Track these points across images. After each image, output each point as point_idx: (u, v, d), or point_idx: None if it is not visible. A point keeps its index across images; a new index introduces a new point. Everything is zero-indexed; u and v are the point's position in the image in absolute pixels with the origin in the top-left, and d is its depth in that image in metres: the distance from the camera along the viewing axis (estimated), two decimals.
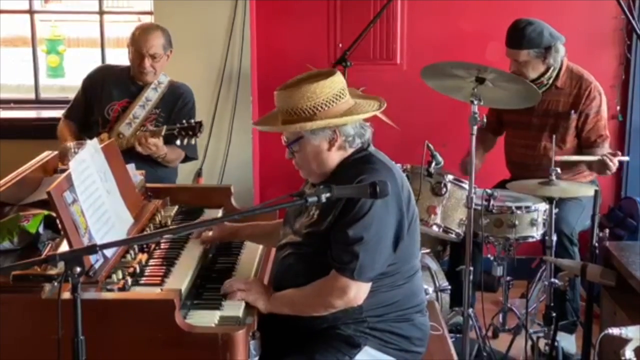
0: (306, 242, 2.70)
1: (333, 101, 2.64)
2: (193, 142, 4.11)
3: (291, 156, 2.75)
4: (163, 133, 4.05)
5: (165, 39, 4.29)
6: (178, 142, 4.06)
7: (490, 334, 4.27)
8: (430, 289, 4.01)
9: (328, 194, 2.31)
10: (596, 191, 3.36)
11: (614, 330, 2.54)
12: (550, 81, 4.36)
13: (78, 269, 2.08)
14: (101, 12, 5.49)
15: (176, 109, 4.30)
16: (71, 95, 4.62)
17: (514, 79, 3.83)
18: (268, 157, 5.18)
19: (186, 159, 4.42)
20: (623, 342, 2.53)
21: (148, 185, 3.51)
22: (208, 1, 4.90)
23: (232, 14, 4.91)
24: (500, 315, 4.30)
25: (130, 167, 3.34)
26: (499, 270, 4.17)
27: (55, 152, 3.53)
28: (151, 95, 4.29)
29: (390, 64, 5.10)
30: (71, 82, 8.85)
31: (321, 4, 5.07)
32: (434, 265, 4.16)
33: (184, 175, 4.69)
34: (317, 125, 2.63)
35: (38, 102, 5.59)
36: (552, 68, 4.33)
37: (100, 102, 4.35)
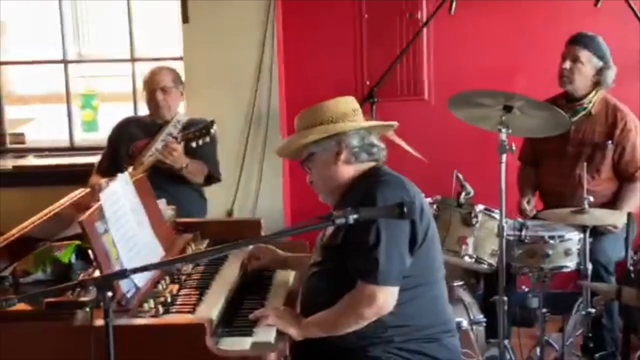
0: (326, 259, 2.74)
1: (341, 118, 2.74)
2: (208, 139, 4.17)
3: (310, 179, 2.85)
4: (180, 139, 4.16)
5: (173, 75, 4.53)
6: (194, 144, 4.15)
7: None
8: (465, 322, 3.96)
9: (356, 215, 2.32)
10: (629, 214, 3.32)
11: None
12: (590, 106, 4.36)
13: (109, 294, 2.10)
14: (133, 60, 5.60)
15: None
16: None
17: (543, 106, 3.82)
18: (300, 198, 5.18)
19: (210, 179, 4.47)
20: None
21: (178, 220, 3.54)
22: (236, 44, 5.00)
23: (260, 56, 4.99)
24: (538, 349, 4.23)
25: (161, 202, 3.37)
26: (534, 302, 4.11)
27: (88, 190, 3.59)
28: (172, 130, 4.40)
29: (418, 100, 5.13)
30: (105, 136, 9.00)
31: (347, 42, 5.14)
32: (467, 297, 4.12)
33: (214, 215, 4.71)
34: (317, 132, 2.71)
35: (73, 150, 5.71)
36: (597, 90, 4.34)
37: (124, 144, 4.51)
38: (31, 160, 5.57)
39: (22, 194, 5.04)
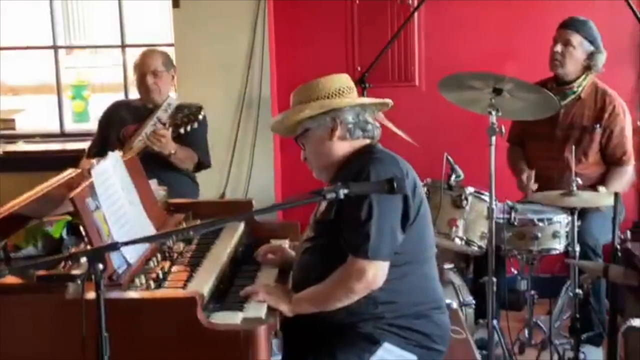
0: (319, 234, 2.76)
1: (337, 94, 2.76)
2: (196, 125, 4.21)
3: (304, 156, 2.85)
4: (168, 125, 4.20)
5: (164, 58, 4.51)
6: (182, 130, 4.19)
7: (516, 349, 4.24)
8: (454, 304, 3.98)
9: (346, 190, 2.34)
10: (616, 194, 3.34)
11: (637, 322, 2.52)
12: (580, 89, 4.39)
13: (101, 266, 2.10)
14: (123, 46, 5.61)
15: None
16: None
17: (532, 89, 3.84)
18: (291, 182, 5.21)
19: (200, 165, 4.48)
20: None
21: (170, 201, 3.55)
22: (227, 29, 5.01)
23: (251, 42, 5.01)
24: (526, 331, 4.27)
25: (153, 182, 3.38)
26: (523, 284, 4.16)
27: (79, 170, 3.59)
28: (162, 115, 4.40)
29: (409, 86, 5.16)
30: (96, 125, 8.97)
31: (339, 28, 5.16)
32: (457, 280, 4.16)
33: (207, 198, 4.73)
34: (311, 108, 2.73)
35: (63, 136, 5.71)
36: (587, 74, 4.37)
37: (114, 129, 4.51)
38: (21, 146, 5.58)
39: (12, 179, 5.05)
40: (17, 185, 4.54)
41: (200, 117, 4.20)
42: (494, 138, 3.70)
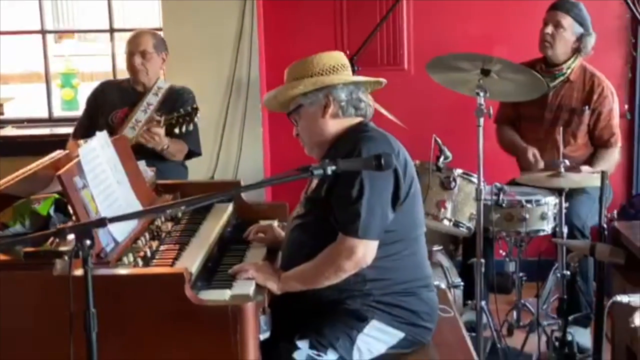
0: (308, 211, 2.77)
1: (331, 72, 2.76)
2: (191, 127, 4.20)
3: (297, 132, 2.85)
4: (162, 123, 4.17)
5: (155, 40, 4.47)
6: (177, 130, 4.18)
7: (504, 332, 4.26)
8: (443, 285, 4.00)
9: (334, 167, 2.35)
10: (603, 173, 3.35)
11: (623, 298, 2.53)
12: (569, 71, 4.41)
13: (88, 242, 2.10)
14: (112, 30, 5.60)
15: (177, 107, 4.35)
16: None
17: (520, 70, 3.85)
18: (280, 164, 5.21)
19: (190, 154, 4.47)
20: (632, 309, 2.53)
21: (159, 182, 3.55)
22: (215, 15, 4.98)
23: (240, 25, 4.99)
24: (514, 312, 4.29)
25: (141, 163, 3.37)
26: (511, 266, 4.18)
27: (67, 151, 3.58)
28: (152, 100, 4.40)
29: (397, 69, 5.15)
30: None
31: (328, 11, 5.15)
32: (445, 261, 4.17)
33: None
34: (304, 85, 2.73)
35: (51, 121, 5.69)
36: (576, 56, 4.38)
37: (103, 112, 4.49)
38: (10, 131, 5.56)
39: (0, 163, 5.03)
40: (5, 170, 4.54)
41: (196, 119, 4.19)
42: (481, 119, 3.71)
